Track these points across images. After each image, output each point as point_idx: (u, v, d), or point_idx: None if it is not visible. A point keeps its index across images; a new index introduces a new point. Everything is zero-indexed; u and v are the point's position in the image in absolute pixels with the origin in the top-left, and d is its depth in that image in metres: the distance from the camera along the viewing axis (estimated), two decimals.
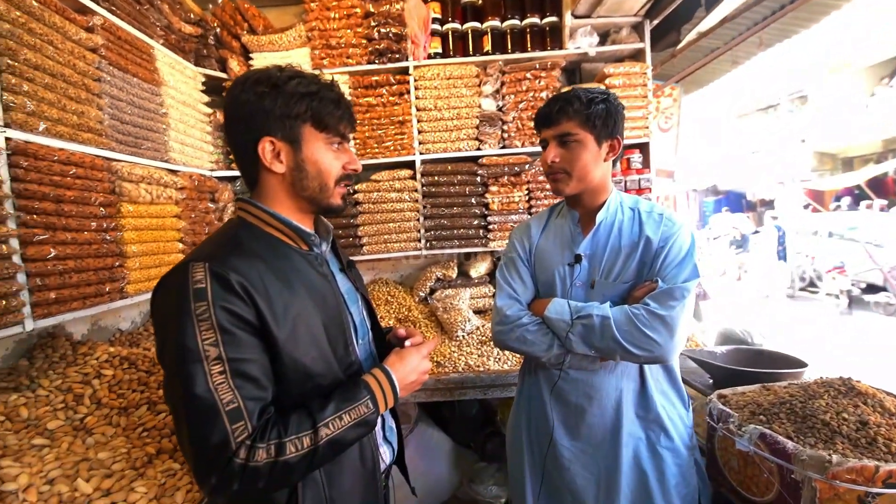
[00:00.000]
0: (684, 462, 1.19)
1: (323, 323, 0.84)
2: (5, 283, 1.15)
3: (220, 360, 0.69)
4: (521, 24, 2.37)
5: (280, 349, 0.76)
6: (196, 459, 0.69)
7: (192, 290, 0.71)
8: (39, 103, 1.27)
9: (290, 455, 0.71)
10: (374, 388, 0.83)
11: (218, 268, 0.72)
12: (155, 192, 1.72)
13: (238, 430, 0.68)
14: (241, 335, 0.72)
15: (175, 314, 0.70)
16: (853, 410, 1.08)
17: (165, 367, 0.73)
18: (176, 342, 0.69)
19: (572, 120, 1.13)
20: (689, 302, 1.07)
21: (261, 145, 0.82)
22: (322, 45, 2.33)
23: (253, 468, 0.68)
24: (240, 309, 0.72)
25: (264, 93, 0.81)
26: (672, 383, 1.24)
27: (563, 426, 1.24)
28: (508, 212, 2.37)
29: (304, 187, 0.86)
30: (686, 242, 1.13)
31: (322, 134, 0.85)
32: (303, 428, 0.73)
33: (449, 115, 2.34)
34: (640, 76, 2.31)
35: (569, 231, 1.25)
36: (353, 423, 0.77)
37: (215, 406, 0.67)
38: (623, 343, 1.06)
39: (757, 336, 2.12)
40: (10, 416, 1.19)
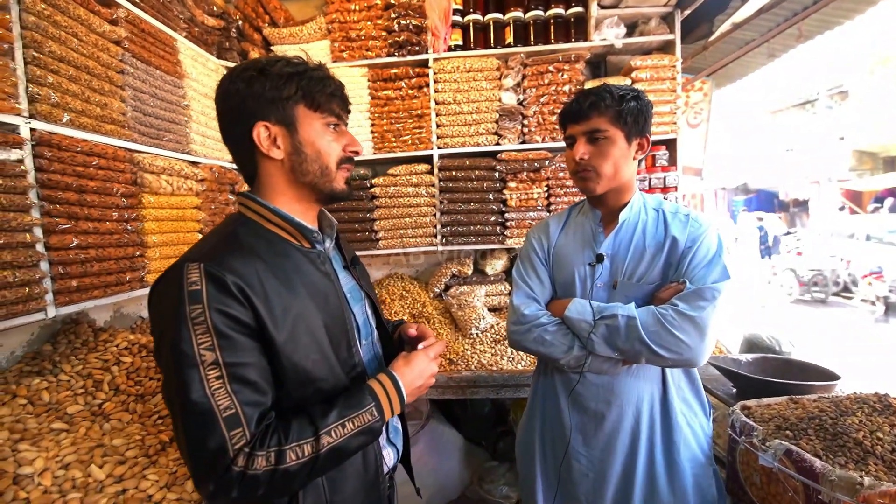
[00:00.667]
0: (702, 473, 1.15)
1: (324, 324, 0.81)
2: (29, 271, 1.18)
3: (217, 365, 0.67)
4: (545, 14, 2.30)
5: (279, 352, 0.74)
6: (194, 465, 0.67)
7: (187, 291, 0.68)
8: (64, 95, 1.29)
9: (291, 463, 0.68)
10: (380, 394, 0.80)
11: (213, 268, 0.70)
12: (176, 183, 1.74)
13: (235, 436, 0.66)
14: (238, 338, 0.70)
15: (170, 317, 0.68)
16: (889, 430, 1.01)
17: (162, 370, 0.72)
18: (172, 346, 0.67)
19: (603, 116, 1.09)
20: (721, 304, 1.02)
21: (255, 131, 0.79)
22: (342, 38, 2.32)
23: (252, 476, 0.66)
24: (236, 311, 0.70)
25: (252, 77, 0.78)
26: (694, 391, 1.19)
27: (580, 433, 1.19)
28: (527, 209, 2.33)
29: (305, 172, 0.82)
30: (714, 243, 1.08)
31: (317, 114, 0.82)
32: (304, 435, 0.71)
33: (468, 108, 2.30)
34: (669, 69, 2.21)
35: (590, 230, 1.20)
36: (357, 431, 0.75)
37: (212, 412, 0.65)
38: (650, 344, 1.02)
39: (785, 344, 2.03)
40: (33, 399, 1.22)
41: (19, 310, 1.16)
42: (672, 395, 1.14)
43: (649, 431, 1.14)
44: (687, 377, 1.18)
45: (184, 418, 0.66)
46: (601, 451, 1.17)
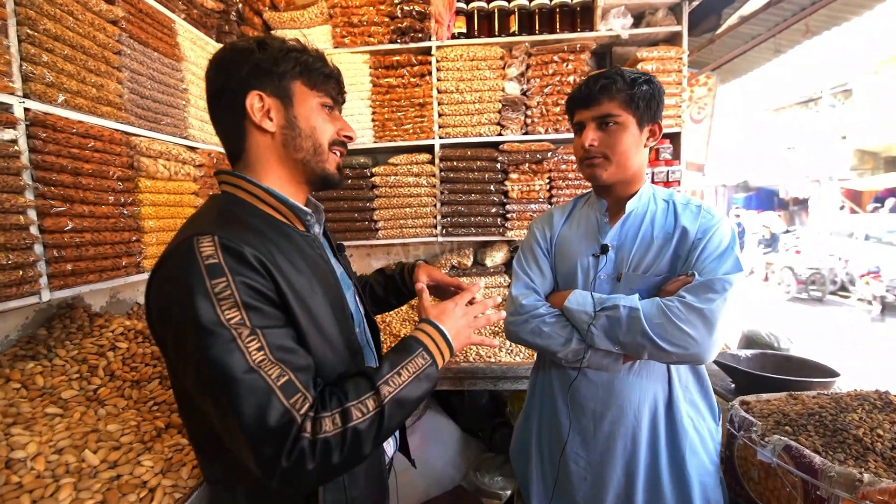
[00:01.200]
0: (710, 482, 1.09)
1: (330, 306, 0.78)
2: (22, 254, 1.16)
3: (255, 336, 0.62)
4: (551, 3, 2.27)
5: (304, 332, 0.70)
6: (257, 449, 0.60)
7: (205, 266, 0.62)
8: (59, 74, 1.26)
9: (358, 420, 0.64)
10: (425, 339, 0.77)
11: (228, 241, 0.65)
12: (173, 168, 1.71)
13: (297, 401, 0.61)
14: (267, 309, 0.65)
15: (188, 296, 0.61)
16: (889, 427, 1.01)
17: (187, 360, 0.63)
18: (197, 328, 0.60)
19: (614, 100, 1.04)
20: (732, 297, 0.96)
21: (248, 100, 0.75)
22: (343, 23, 2.28)
23: (324, 441, 0.61)
24: (259, 284, 0.65)
25: (250, 48, 0.76)
26: (703, 392, 1.13)
27: (578, 434, 1.14)
28: (528, 200, 2.31)
29: (298, 147, 0.79)
30: (727, 235, 1.02)
31: (313, 91, 0.80)
32: (362, 391, 0.67)
33: (471, 98, 2.27)
34: (676, 61, 2.19)
35: (595, 220, 1.16)
36: (414, 377, 0.71)
37: (265, 384, 0.60)
38: (654, 338, 0.96)
39: (784, 340, 2.02)
40: (27, 383, 1.21)
41: (13, 293, 1.14)
42: (678, 397, 1.08)
43: (652, 435, 1.08)
44: (695, 377, 1.13)
45: (232, 402, 0.59)
46: (600, 453, 1.11)
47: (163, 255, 0.69)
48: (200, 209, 0.80)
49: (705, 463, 1.07)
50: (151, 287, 0.69)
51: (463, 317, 0.84)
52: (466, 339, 0.85)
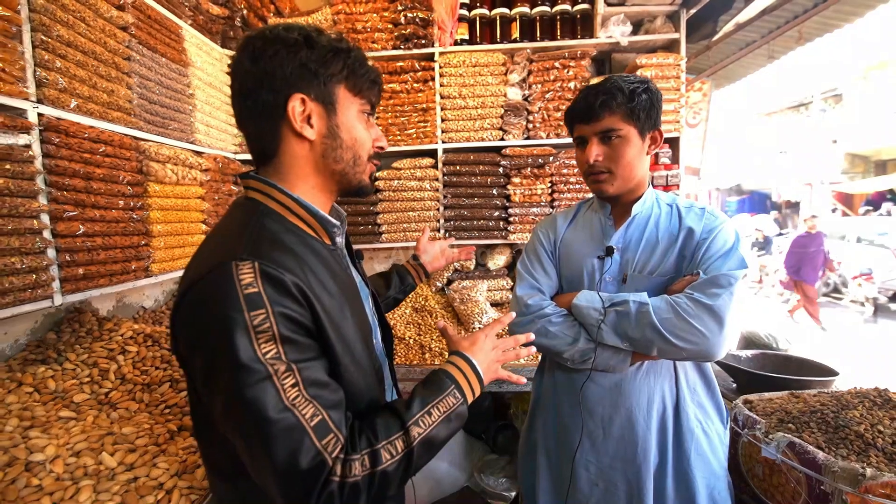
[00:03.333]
0: (719, 487, 1.07)
1: (358, 328, 0.74)
2: (36, 258, 1.17)
3: (291, 372, 0.60)
4: (552, 10, 2.30)
5: (338, 360, 0.67)
6: (285, 490, 0.59)
7: (244, 296, 0.59)
8: (71, 80, 1.28)
9: (387, 463, 0.62)
10: (456, 374, 0.74)
11: (270, 268, 0.61)
12: (181, 172, 1.73)
13: (330, 444, 0.59)
14: (302, 341, 0.63)
15: (225, 329, 0.58)
16: (889, 423, 1.04)
17: (217, 391, 0.61)
18: (232, 363, 0.58)
19: (615, 114, 1.03)
20: (738, 292, 0.95)
21: (291, 103, 0.69)
22: (348, 29, 2.31)
23: (353, 484, 0.60)
24: (297, 314, 0.62)
25: (297, 42, 0.69)
26: (710, 394, 1.11)
27: (587, 438, 1.11)
28: (530, 204, 2.34)
29: (338, 158, 0.74)
30: (731, 235, 1.02)
31: (357, 98, 0.75)
32: (392, 431, 0.65)
33: (473, 103, 2.30)
34: (674, 68, 2.23)
35: (599, 224, 1.16)
36: (444, 418, 0.69)
37: (299, 425, 0.58)
38: (663, 332, 0.94)
39: (782, 341, 2.06)
40: (39, 387, 1.22)
41: (27, 296, 1.15)
42: (685, 399, 1.06)
43: (660, 437, 1.06)
44: (702, 379, 1.11)
45: (264, 442, 0.57)
46: (611, 458, 1.09)
47: (195, 275, 0.64)
48: (229, 220, 0.74)
49: (713, 465, 1.06)
50: (181, 308, 0.65)
51: (493, 350, 0.82)
52: (494, 374, 0.82)
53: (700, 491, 1.03)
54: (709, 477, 1.05)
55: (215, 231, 0.74)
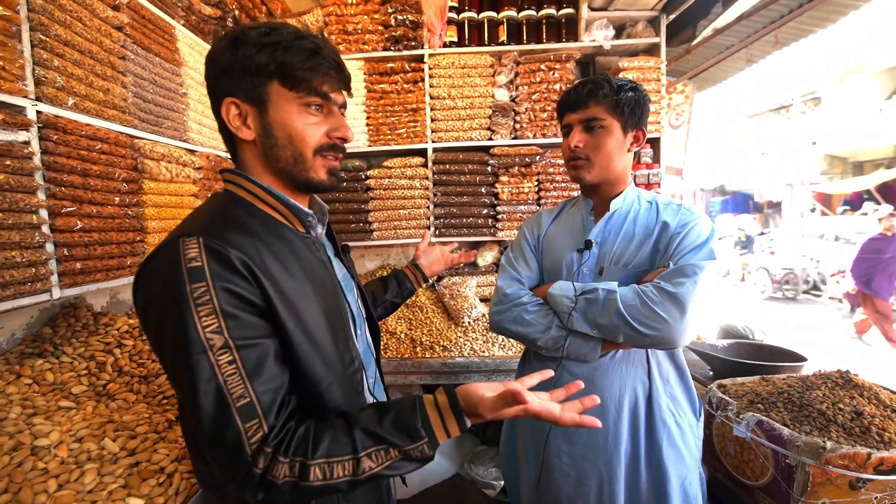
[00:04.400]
0: (689, 476, 1.08)
1: (323, 311, 0.74)
2: (35, 252, 1.19)
3: (227, 349, 0.60)
4: (538, 14, 2.38)
5: (290, 338, 0.67)
6: (213, 461, 0.63)
7: (186, 269, 0.60)
8: (69, 79, 1.30)
9: (315, 482, 0.61)
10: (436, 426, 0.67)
11: (214, 243, 0.62)
12: (174, 170, 1.75)
13: (251, 429, 0.60)
14: (247, 318, 0.63)
15: (168, 299, 0.60)
16: (849, 401, 1.12)
17: (166, 359, 0.64)
18: (174, 332, 0.60)
19: (601, 104, 1.08)
20: (704, 281, 0.97)
21: (223, 108, 0.71)
22: (339, 31, 2.35)
23: (271, 483, 0.61)
24: (243, 290, 0.63)
25: (224, 47, 0.70)
26: (684, 386, 1.13)
27: (560, 430, 1.12)
28: (518, 202, 2.40)
29: (277, 157, 0.73)
30: (706, 230, 1.05)
31: (292, 92, 0.71)
32: (337, 451, 0.63)
33: (462, 104, 2.36)
34: (655, 70, 2.31)
35: (581, 219, 1.20)
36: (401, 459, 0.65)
37: (225, 402, 0.59)
38: (628, 319, 0.97)
39: (758, 333, 2.15)
40: (37, 379, 1.24)
41: (26, 290, 1.17)
42: (658, 390, 1.08)
43: (632, 427, 1.08)
44: (676, 370, 1.13)
45: (197, 412, 0.60)
46: (583, 447, 1.10)
47: (150, 254, 0.66)
48: (200, 206, 0.77)
49: (684, 456, 1.07)
50: (137, 284, 0.67)
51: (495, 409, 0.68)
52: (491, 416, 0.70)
53: (672, 482, 1.05)
54: (681, 468, 1.07)
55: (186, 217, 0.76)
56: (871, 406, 1.11)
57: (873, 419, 1.06)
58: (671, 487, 1.05)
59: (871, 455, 0.98)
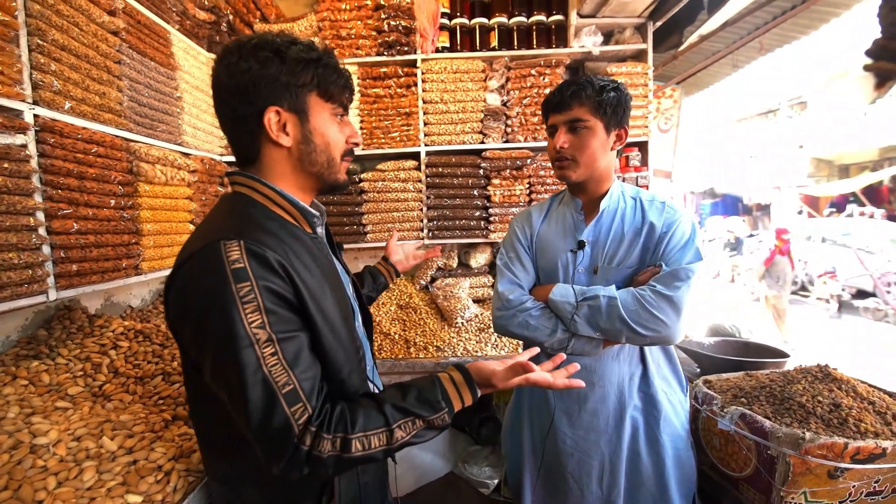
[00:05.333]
0: (682, 446, 1.21)
1: (337, 305, 0.81)
2: (32, 254, 1.20)
3: (271, 342, 0.67)
4: (528, 21, 2.43)
5: (319, 332, 0.74)
6: (262, 446, 0.68)
7: (231, 270, 0.66)
8: (65, 83, 1.32)
9: (356, 452, 0.70)
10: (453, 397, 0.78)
11: (254, 245, 0.69)
12: (169, 173, 1.77)
13: (297, 411, 0.67)
14: (284, 314, 0.70)
15: (214, 298, 0.66)
16: (828, 394, 1.16)
17: (209, 355, 0.69)
18: (220, 329, 0.66)
19: (584, 105, 1.13)
20: (694, 283, 1.08)
21: (266, 116, 0.77)
22: (332, 36, 2.38)
23: (317, 458, 0.68)
24: (281, 288, 0.70)
25: (268, 58, 0.75)
26: (672, 368, 1.25)
27: (564, 413, 1.23)
28: (509, 204, 2.44)
29: (313, 161, 0.82)
30: (689, 228, 1.14)
31: (328, 104, 0.82)
32: (372, 425, 0.72)
33: (454, 108, 2.40)
34: (642, 76, 2.37)
35: (571, 218, 1.26)
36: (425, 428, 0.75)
37: (272, 390, 0.66)
38: (630, 323, 1.06)
39: (745, 331, 2.20)
40: (33, 380, 1.25)
41: (23, 291, 1.18)
42: (652, 374, 1.20)
43: (632, 409, 1.19)
44: (665, 356, 1.24)
45: (245, 401, 0.66)
46: (585, 430, 1.21)
47: (186, 255, 0.71)
48: (217, 210, 0.82)
49: (677, 429, 1.20)
50: (173, 285, 0.72)
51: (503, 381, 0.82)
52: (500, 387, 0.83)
53: (667, 450, 1.18)
54: (674, 438, 1.19)
55: (205, 220, 0.82)
56: (849, 398, 1.15)
57: (850, 411, 1.11)
58: (667, 454, 1.18)
59: (847, 445, 1.02)
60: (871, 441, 1.03)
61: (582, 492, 1.22)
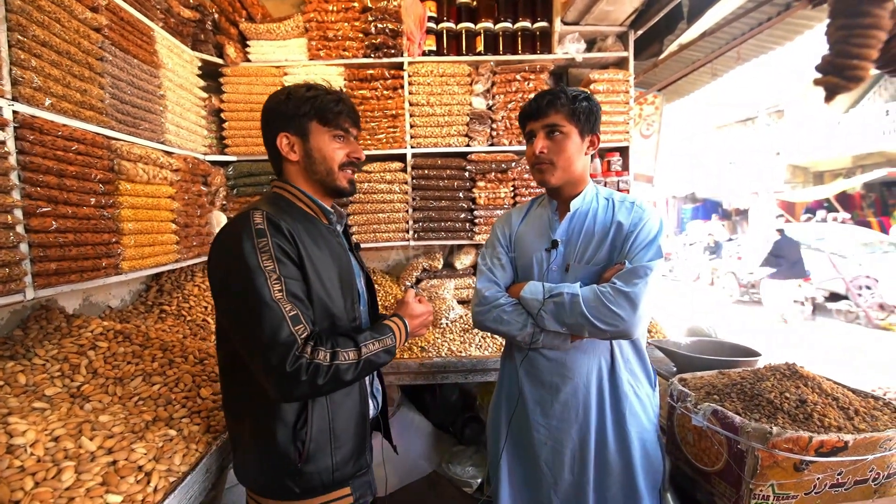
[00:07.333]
0: (649, 438, 1.26)
1: (338, 274, 1.07)
2: (9, 252, 1.18)
3: (280, 280, 0.91)
4: (513, 27, 2.47)
5: (311, 285, 0.99)
6: (269, 356, 0.87)
7: (255, 229, 0.94)
8: (46, 79, 1.30)
9: (342, 362, 0.93)
10: (394, 327, 1.08)
11: (272, 216, 0.97)
12: (151, 172, 1.75)
13: (299, 330, 0.89)
14: (289, 265, 0.95)
15: (242, 245, 0.91)
16: (794, 391, 1.21)
17: (231, 289, 0.94)
18: (245, 266, 0.90)
19: (560, 112, 1.21)
20: (654, 279, 1.14)
21: (278, 140, 1.07)
22: (319, 37, 2.39)
23: (316, 365, 0.89)
24: (287, 247, 0.95)
25: (280, 99, 1.07)
26: (641, 363, 1.31)
27: (538, 405, 1.29)
28: (494, 206, 2.48)
29: (315, 171, 1.09)
30: (655, 227, 1.19)
31: (325, 128, 1.07)
32: (348, 346, 0.96)
33: (441, 111, 2.43)
34: (623, 83, 2.43)
35: (546, 219, 1.32)
36: (382, 349, 1.02)
37: (280, 312, 0.88)
38: (591, 318, 1.13)
39: (721, 333, 2.27)
40: (9, 381, 1.22)
41: (1, 290, 1.16)
42: (619, 368, 1.25)
43: (599, 400, 1.25)
44: (634, 351, 1.29)
45: (259, 320, 0.88)
46: (558, 420, 1.27)
47: (227, 223, 1.01)
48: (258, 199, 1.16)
49: (643, 422, 1.25)
50: (218, 241, 1.00)
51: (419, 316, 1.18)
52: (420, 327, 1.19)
53: (634, 443, 1.23)
54: (641, 431, 1.24)
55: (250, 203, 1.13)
56: (815, 395, 1.20)
57: (815, 406, 1.16)
58: (634, 447, 1.23)
59: (812, 438, 1.06)
60: (835, 435, 1.08)
61: (555, 479, 1.27)
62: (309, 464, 1.00)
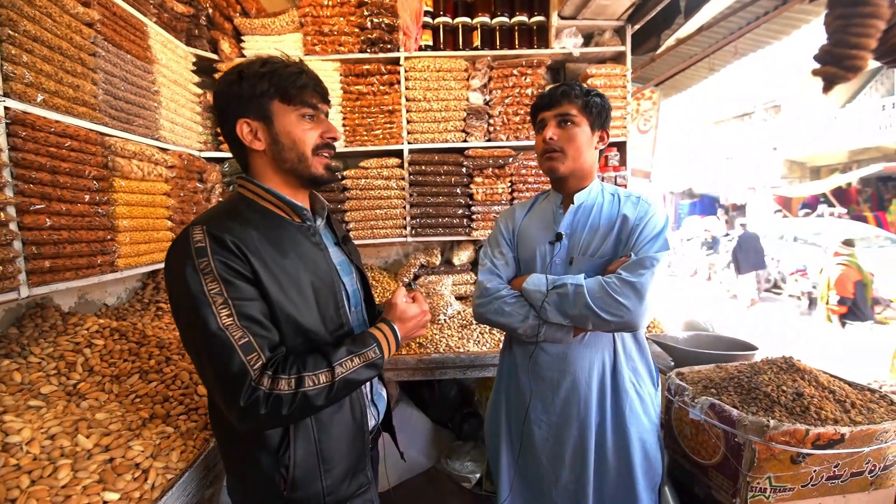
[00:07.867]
0: (649, 438, 1.23)
1: (312, 284, 0.92)
2: (3, 250, 1.17)
3: (227, 305, 0.79)
4: (510, 21, 2.46)
5: (273, 301, 0.85)
6: (222, 391, 0.78)
7: (194, 248, 0.81)
8: (38, 75, 1.29)
9: (309, 388, 0.81)
10: (379, 336, 0.93)
11: (213, 229, 0.82)
12: (146, 168, 1.74)
13: (252, 359, 0.78)
14: (239, 284, 0.81)
15: (183, 270, 0.80)
16: (791, 384, 1.22)
17: (182, 320, 0.83)
18: (188, 294, 0.79)
19: (573, 103, 1.22)
20: (660, 271, 1.11)
21: (238, 128, 0.90)
22: (314, 32, 2.37)
23: (276, 396, 0.78)
24: (235, 264, 0.82)
25: (231, 81, 0.90)
26: (643, 360, 1.28)
27: (538, 400, 1.28)
28: (492, 202, 2.47)
29: (285, 159, 0.93)
30: (660, 221, 1.19)
31: (290, 107, 0.91)
32: (319, 366, 0.83)
33: (437, 106, 2.41)
34: (620, 78, 2.42)
35: (551, 212, 1.31)
36: (363, 365, 0.88)
37: (229, 342, 0.77)
38: (595, 309, 1.10)
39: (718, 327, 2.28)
40: (4, 380, 1.22)
41: None
42: (621, 365, 1.23)
43: (599, 397, 1.22)
44: (637, 348, 1.27)
45: (207, 351, 0.78)
46: (558, 416, 1.25)
47: (172, 241, 0.86)
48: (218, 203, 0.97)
49: (644, 421, 1.22)
50: (166, 264, 0.87)
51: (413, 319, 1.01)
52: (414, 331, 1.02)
53: (634, 442, 1.20)
54: (641, 431, 1.21)
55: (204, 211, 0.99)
56: (811, 388, 1.21)
57: (812, 399, 1.16)
58: (633, 447, 1.21)
59: (808, 431, 1.07)
60: (831, 428, 1.08)
61: (556, 476, 1.26)
62: (297, 491, 0.90)
